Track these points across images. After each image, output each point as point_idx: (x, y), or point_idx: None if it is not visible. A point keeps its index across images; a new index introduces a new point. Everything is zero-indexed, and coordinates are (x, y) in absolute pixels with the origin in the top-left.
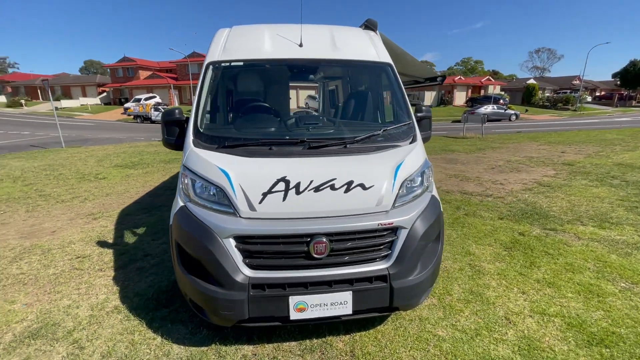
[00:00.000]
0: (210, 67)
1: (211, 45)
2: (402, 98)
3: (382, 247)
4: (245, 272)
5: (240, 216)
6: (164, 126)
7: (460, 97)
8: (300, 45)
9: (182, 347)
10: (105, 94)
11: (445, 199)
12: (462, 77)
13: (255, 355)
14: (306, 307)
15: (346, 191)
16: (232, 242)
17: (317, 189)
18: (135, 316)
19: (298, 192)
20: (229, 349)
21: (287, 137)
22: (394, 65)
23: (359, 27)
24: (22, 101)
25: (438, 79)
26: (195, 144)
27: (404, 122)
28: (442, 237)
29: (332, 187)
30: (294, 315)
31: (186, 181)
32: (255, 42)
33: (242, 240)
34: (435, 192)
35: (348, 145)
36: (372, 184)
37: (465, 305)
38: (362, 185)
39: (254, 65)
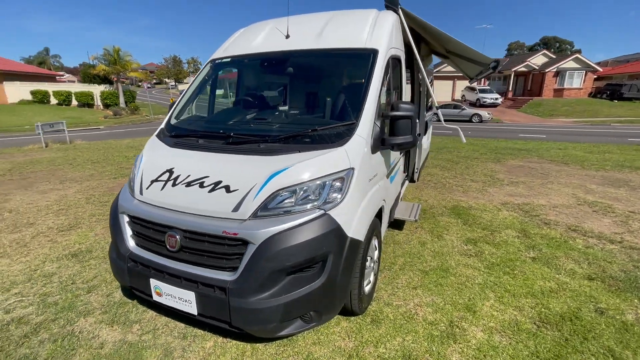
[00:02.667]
0: (209, 64)
1: (223, 44)
2: (364, 92)
3: (229, 257)
4: (129, 245)
5: (134, 197)
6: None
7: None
8: (287, 37)
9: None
10: None
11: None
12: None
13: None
14: (162, 293)
15: (210, 191)
16: (126, 218)
17: (188, 184)
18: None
19: (174, 185)
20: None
21: (221, 132)
22: (382, 51)
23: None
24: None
25: (491, 65)
26: (159, 133)
27: (346, 121)
28: (336, 269)
29: (201, 185)
30: (154, 297)
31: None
32: (252, 38)
33: (130, 218)
34: (340, 213)
35: (262, 145)
36: (237, 188)
37: None
38: (227, 188)
39: (239, 61)
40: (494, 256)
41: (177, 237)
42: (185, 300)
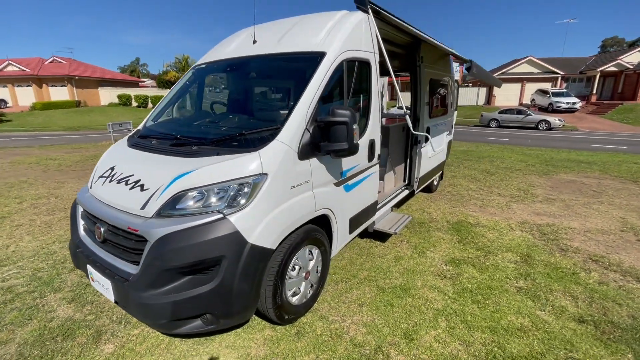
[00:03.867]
0: (190, 70)
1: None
2: (296, 97)
3: (134, 251)
4: (79, 233)
5: (88, 191)
6: None
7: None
8: (254, 42)
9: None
10: None
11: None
12: None
13: None
14: (94, 279)
15: (131, 188)
16: (80, 208)
17: (118, 181)
18: None
19: (110, 181)
20: None
21: (167, 134)
22: (331, 54)
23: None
24: None
25: (465, 66)
26: (132, 134)
27: (271, 126)
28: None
29: (126, 182)
30: (90, 281)
31: None
32: (227, 45)
33: (83, 208)
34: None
35: (194, 147)
36: (148, 187)
37: None
38: (142, 186)
39: (210, 67)
40: (471, 281)
41: (102, 229)
42: (106, 287)
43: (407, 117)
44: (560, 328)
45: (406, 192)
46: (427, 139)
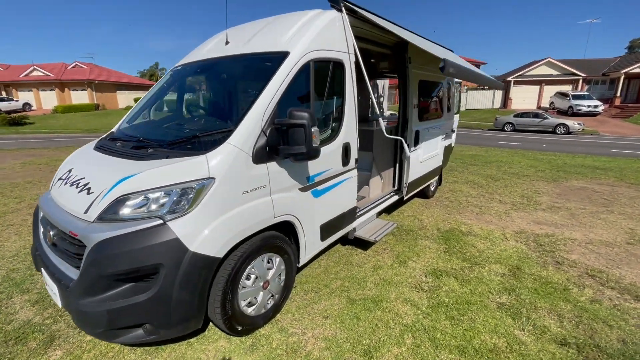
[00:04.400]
0: (169, 72)
1: None
2: (253, 98)
3: (76, 256)
4: (40, 236)
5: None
6: None
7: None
8: (227, 43)
9: None
10: None
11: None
12: None
13: None
14: (46, 282)
15: (80, 191)
16: (41, 211)
17: (71, 184)
18: None
19: (65, 183)
20: None
21: (129, 136)
22: (295, 54)
23: None
24: None
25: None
26: (103, 137)
27: (223, 128)
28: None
29: (77, 185)
30: (46, 285)
31: None
32: (204, 46)
33: None
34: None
35: (150, 149)
36: (94, 191)
37: None
38: (88, 189)
39: (184, 68)
40: (450, 295)
41: (52, 232)
42: (54, 292)
43: (381, 120)
44: (538, 351)
45: (395, 197)
46: (402, 143)
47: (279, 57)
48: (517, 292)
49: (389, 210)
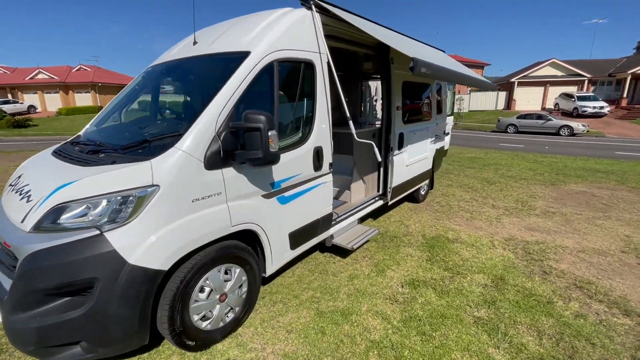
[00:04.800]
0: (141, 74)
1: None
2: (206, 101)
3: (12, 269)
4: None
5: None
6: None
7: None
8: (194, 43)
9: None
10: None
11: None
12: None
13: None
14: None
15: (21, 199)
16: None
17: (17, 191)
18: None
19: (12, 190)
20: None
21: (87, 141)
22: (256, 54)
23: None
24: None
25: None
26: (68, 141)
27: (173, 132)
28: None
29: (20, 192)
30: None
31: None
32: (177, 46)
33: None
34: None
35: (101, 154)
36: (33, 199)
37: None
38: (28, 197)
39: (152, 70)
40: (425, 307)
41: None
42: None
43: (350, 123)
44: None
45: (380, 202)
46: (372, 146)
47: (239, 58)
48: (497, 305)
49: (375, 215)
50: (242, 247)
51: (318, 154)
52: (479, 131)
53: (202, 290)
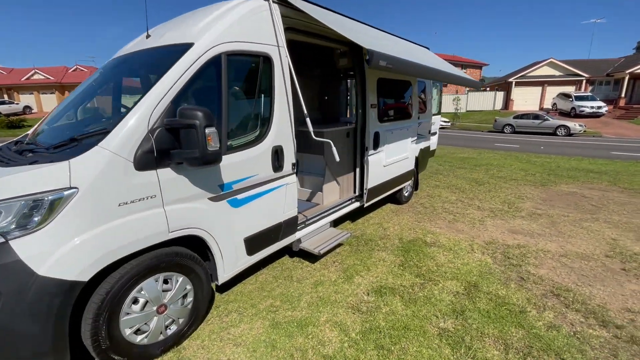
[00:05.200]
0: (99, 69)
1: None
2: (140, 97)
3: None
4: None
5: None
6: None
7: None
8: (148, 37)
9: None
10: None
11: None
12: None
13: None
14: None
15: None
16: None
17: None
18: None
19: None
20: None
21: (33, 141)
22: (200, 46)
23: None
24: None
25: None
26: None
27: (99, 130)
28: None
29: None
30: None
31: None
32: (135, 39)
33: None
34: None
35: (31, 154)
36: None
37: None
38: None
39: (109, 65)
40: (388, 318)
41: None
42: None
43: (307, 120)
44: None
45: (356, 204)
46: (330, 146)
47: (181, 50)
48: (465, 315)
49: (353, 217)
50: (186, 254)
51: (277, 153)
52: (475, 131)
53: (135, 301)
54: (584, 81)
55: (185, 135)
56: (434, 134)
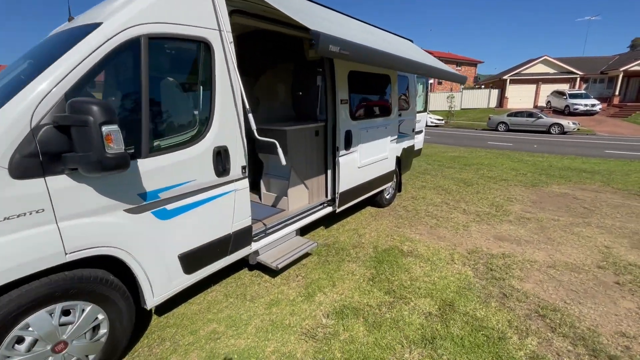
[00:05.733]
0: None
1: None
2: (23, 86)
3: None
4: None
5: None
6: None
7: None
8: (70, 19)
9: None
10: None
11: None
12: None
13: None
14: None
15: None
16: None
17: None
18: None
19: None
20: None
21: None
22: (109, 27)
23: None
24: None
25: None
26: None
27: None
28: None
29: None
30: None
31: None
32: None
33: None
34: None
35: None
36: None
37: None
38: None
39: (27, 51)
40: (345, 347)
41: None
42: None
43: (250, 116)
44: None
45: (328, 209)
46: (275, 146)
47: (85, 31)
48: (435, 343)
49: (328, 222)
50: (94, 277)
51: (221, 155)
52: (469, 129)
53: (19, 340)
54: (578, 79)
55: (76, 134)
56: (420, 132)
